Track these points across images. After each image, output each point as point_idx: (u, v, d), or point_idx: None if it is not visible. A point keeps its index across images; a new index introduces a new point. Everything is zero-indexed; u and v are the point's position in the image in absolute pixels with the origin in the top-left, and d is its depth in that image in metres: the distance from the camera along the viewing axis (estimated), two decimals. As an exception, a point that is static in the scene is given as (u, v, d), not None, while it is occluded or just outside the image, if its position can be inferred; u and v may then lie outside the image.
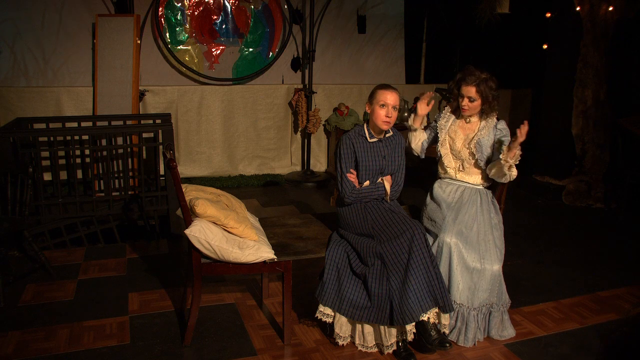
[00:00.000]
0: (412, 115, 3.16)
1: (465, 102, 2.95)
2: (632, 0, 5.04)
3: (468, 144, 2.99)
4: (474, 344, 2.85)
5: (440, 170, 3.14)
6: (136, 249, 4.09)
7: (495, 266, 2.80)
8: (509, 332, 2.93)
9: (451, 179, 3.08)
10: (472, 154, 2.99)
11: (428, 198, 3.12)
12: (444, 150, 3.07)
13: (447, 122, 3.08)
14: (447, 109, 3.12)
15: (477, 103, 2.94)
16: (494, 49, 6.68)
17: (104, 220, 4.19)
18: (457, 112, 3.05)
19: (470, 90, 2.92)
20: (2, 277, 3.26)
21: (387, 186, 2.84)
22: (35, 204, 3.90)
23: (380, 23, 6.50)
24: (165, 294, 3.39)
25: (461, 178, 3.04)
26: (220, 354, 2.75)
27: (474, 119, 3.02)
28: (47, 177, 4.77)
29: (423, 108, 3.10)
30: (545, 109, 5.84)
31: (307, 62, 6.03)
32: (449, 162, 3.06)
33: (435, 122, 3.14)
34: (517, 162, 2.84)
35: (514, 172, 2.86)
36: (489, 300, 2.82)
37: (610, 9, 5.11)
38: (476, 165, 3.01)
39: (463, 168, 3.04)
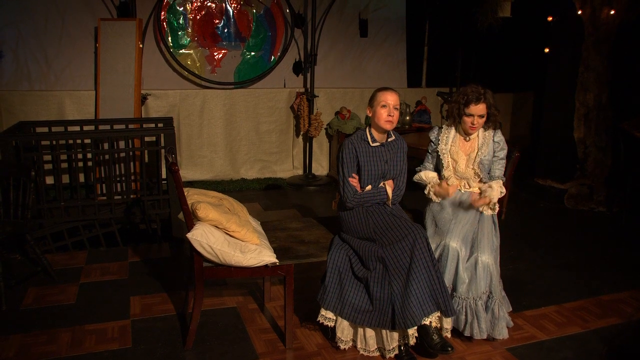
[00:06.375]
0: (436, 189, 3.06)
1: (475, 120, 2.93)
2: (634, 3, 5.04)
3: (472, 164, 3.00)
4: (487, 335, 2.86)
5: None
6: (138, 253, 4.09)
7: (487, 257, 2.81)
8: (502, 332, 2.89)
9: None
10: (477, 174, 3.01)
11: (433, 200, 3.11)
12: (447, 172, 3.05)
13: (447, 145, 3.06)
14: (444, 129, 3.10)
15: (485, 118, 2.95)
16: (496, 53, 6.69)
17: (106, 224, 4.19)
18: (459, 129, 3.05)
19: (481, 108, 2.91)
20: (4, 280, 3.26)
21: (389, 190, 2.85)
22: (37, 208, 3.91)
23: (382, 27, 6.51)
24: (167, 297, 3.39)
25: (467, 191, 3.05)
26: (222, 358, 2.75)
27: (473, 136, 3.03)
28: (50, 180, 4.77)
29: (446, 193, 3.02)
30: (547, 113, 5.83)
31: (309, 65, 6.04)
32: (453, 183, 3.05)
33: (433, 144, 3.11)
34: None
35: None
36: (487, 289, 2.83)
37: (612, 12, 5.11)
38: (480, 181, 3.04)
39: (469, 186, 3.04)
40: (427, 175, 3.12)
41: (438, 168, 3.12)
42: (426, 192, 3.09)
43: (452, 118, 3.04)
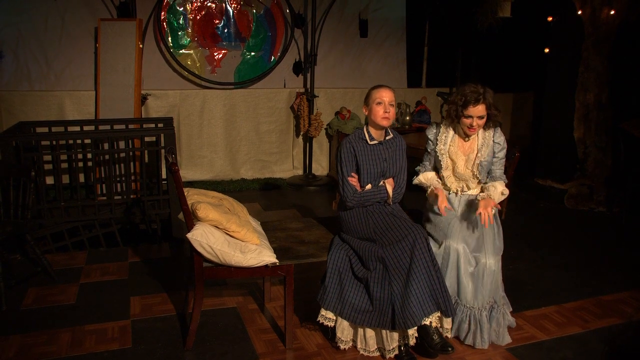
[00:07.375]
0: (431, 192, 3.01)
1: (475, 122, 2.83)
2: (634, 3, 5.04)
3: (471, 166, 2.94)
4: (490, 344, 2.85)
5: (444, 187, 3.09)
6: (138, 253, 4.09)
7: (491, 261, 2.79)
8: (505, 339, 2.88)
9: (455, 194, 3.04)
10: (475, 176, 2.96)
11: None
12: (446, 173, 3.00)
13: (445, 145, 2.98)
14: (442, 128, 3.00)
15: (485, 118, 2.86)
16: (496, 53, 6.69)
17: (106, 224, 4.19)
18: (458, 129, 2.96)
19: (481, 110, 2.80)
20: (4, 280, 3.26)
21: (389, 189, 2.84)
22: (37, 208, 3.91)
23: (382, 27, 6.51)
24: (167, 297, 3.39)
25: (466, 193, 3.02)
26: (222, 358, 2.75)
27: (473, 136, 2.96)
28: (50, 180, 4.78)
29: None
30: (547, 113, 5.83)
31: (309, 66, 6.04)
32: (452, 184, 3.01)
33: (432, 143, 3.04)
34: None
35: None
36: (491, 298, 2.82)
37: (612, 12, 5.11)
38: (479, 182, 2.99)
39: (468, 188, 3.00)
40: (426, 177, 3.05)
41: (437, 167, 3.09)
42: (428, 194, 3.04)
43: (450, 119, 2.95)
